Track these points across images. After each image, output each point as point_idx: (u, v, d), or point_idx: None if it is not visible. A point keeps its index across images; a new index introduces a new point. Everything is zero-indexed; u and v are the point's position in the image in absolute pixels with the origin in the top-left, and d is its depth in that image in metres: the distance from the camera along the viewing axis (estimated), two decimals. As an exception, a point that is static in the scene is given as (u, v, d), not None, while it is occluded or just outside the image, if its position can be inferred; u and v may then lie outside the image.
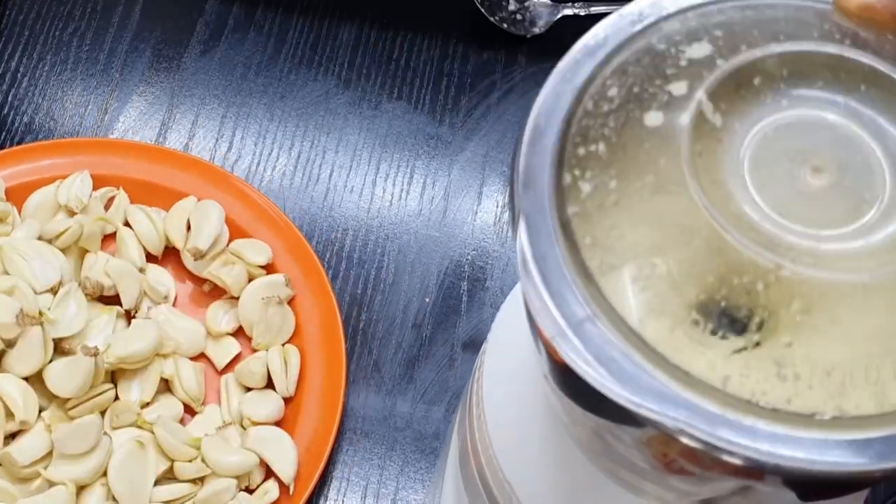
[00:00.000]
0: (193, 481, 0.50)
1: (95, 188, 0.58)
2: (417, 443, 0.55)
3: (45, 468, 0.49)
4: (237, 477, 0.51)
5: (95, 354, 0.49)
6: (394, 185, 0.62)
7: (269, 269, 0.56)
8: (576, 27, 0.67)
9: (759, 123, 0.27)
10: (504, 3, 0.67)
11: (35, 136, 0.63)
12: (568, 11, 0.67)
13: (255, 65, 0.66)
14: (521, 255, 0.25)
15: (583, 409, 0.28)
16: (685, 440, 0.23)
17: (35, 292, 0.52)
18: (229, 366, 0.55)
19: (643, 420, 0.24)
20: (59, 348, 0.51)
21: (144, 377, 0.52)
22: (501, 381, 0.36)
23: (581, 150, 0.27)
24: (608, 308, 0.25)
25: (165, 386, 0.53)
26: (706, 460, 0.24)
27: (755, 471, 0.23)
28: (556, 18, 0.67)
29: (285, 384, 0.53)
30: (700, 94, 0.27)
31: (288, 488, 0.51)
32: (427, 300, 0.59)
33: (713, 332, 0.24)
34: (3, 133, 0.63)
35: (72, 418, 0.50)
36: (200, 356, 0.55)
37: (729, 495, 0.27)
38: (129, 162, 0.59)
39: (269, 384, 0.54)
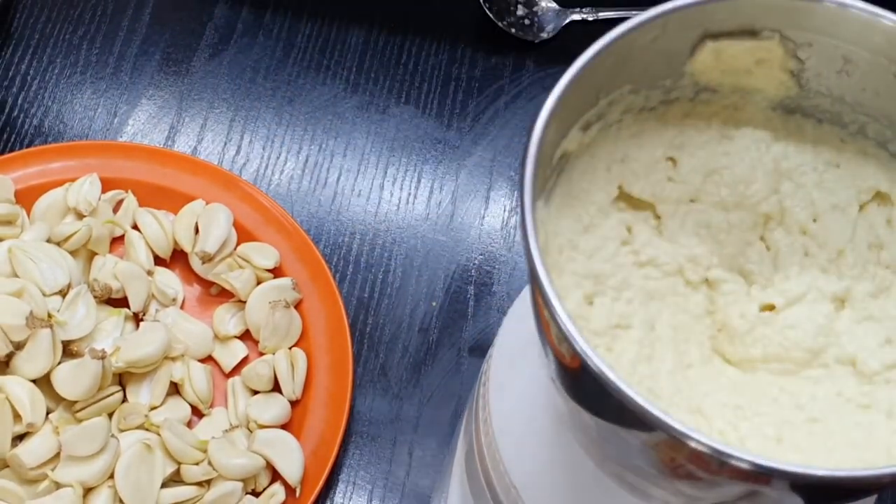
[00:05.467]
0: (200, 484, 0.50)
1: (104, 191, 0.58)
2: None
3: (53, 470, 0.49)
4: (244, 480, 0.51)
5: (103, 357, 0.50)
6: (401, 190, 0.62)
7: (276, 272, 0.56)
8: (584, 32, 0.67)
9: None
10: (512, 9, 0.67)
11: (44, 139, 0.63)
12: (576, 17, 0.67)
13: (264, 69, 0.66)
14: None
15: (590, 412, 0.28)
16: (693, 445, 0.23)
17: (44, 294, 0.52)
18: (236, 369, 0.55)
19: (652, 424, 0.24)
20: (68, 350, 0.51)
21: (154, 381, 0.52)
22: (508, 386, 0.36)
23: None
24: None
25: (173, 388, 0.53)
26: (714, 465, 0.24)
27: (763, 476, 0.23)
28: (564, 23, 0.67)
29: (292, 387, 0.53)
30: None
31: (294, 491, 0.51)
32: (434, 304, 0.59)
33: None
34: (13, 136, 0.63)
35: (79, 420, 0.50)
36: (207, 359, 0.55)
37: (736, 500, 0.27)
38: (138, 165, 0.59)
39: (276, 387, 0.54)
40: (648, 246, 0.31)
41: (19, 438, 0.50)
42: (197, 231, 0.57)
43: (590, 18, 0.67)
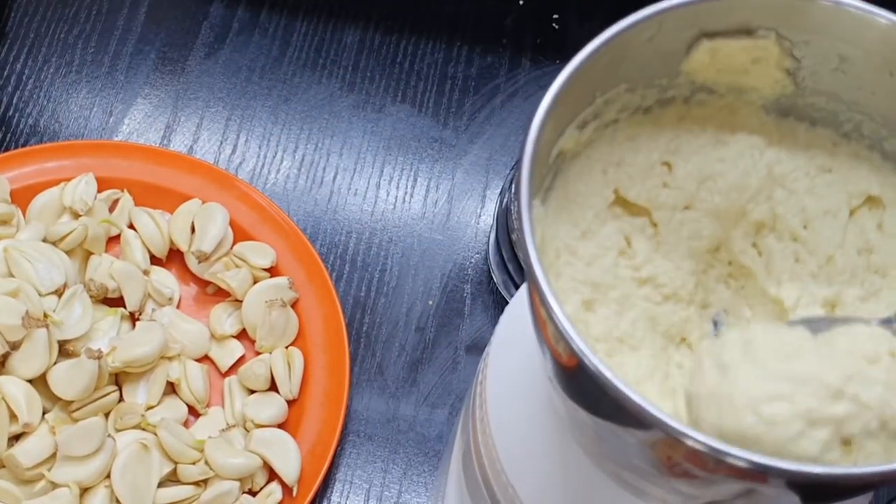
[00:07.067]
0: (197, 483, 0.50)
1: (100, 190, 0.58)
2: (420, 445, 0.55)
3: (49, 470, 0.49)
4: (240, 479, 0.51)
5: (99, 357, 0.49)
6: (397, 188, 0.62)
7: (272, 271, 0.56)
8: (580, 31, 0.67)
9: None
10: None
11: (40, 139, 0.63)
12: None
13: (260, 68, 0.66)
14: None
15: (587, 411, 0.28)
16: (690, 443, 0.23)
17: (40, 294, 0.52)
18: (233, 368, 0.55)
19: (649, 423, 0.24)
20: (64, 350, 0.51)
21: (151, 380, 0.52)
22: (505, 384, 0.36)
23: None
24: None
25: (170, 388, 0.53)
26: (710, 463, 0.24)
27: (759, 474, 0.24)
28: None
29: (289, 387, 0.53)
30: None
31: (291, 490, 0.51)
32: (430, 303, 0.59)
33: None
34: (8, 135, 0.63)
35: (76, 420, 0.50)
36: (204, 358, 0.55)
37: (733, 498, 0.27)
38: (134, 164, 0.59)
39: (273, 387, 0.54)
40: (648, 264, 0.31)
41: (16, 438, 0.50)
42: (193, 230, 0.57)
43: None
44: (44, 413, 0.50)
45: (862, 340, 0.26)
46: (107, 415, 0.51)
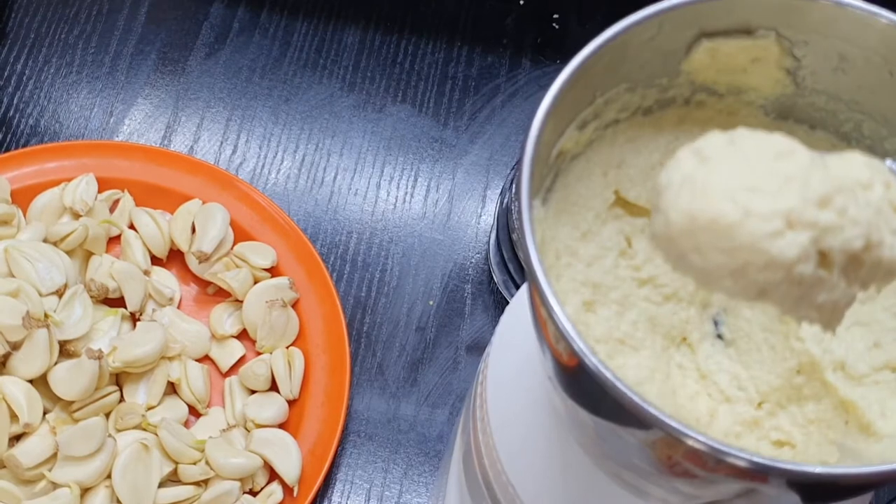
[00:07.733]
0: (197, 483, 0.50)
1: (100, 191, 0.58)
2: (421, 445, 0.55)
3: (50, 470, 0.49)
4: (241, 479, 0.51)
5: (100, 357, 0.49)
6: (398, 188, 0.62)
7: (273, 271, 0.56)
8: (580, 31, 0.67)
9: None
10: None
11: (40, 139, 0.63)
12: None
13: (260, 68, 0.66)
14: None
15: (587, 411, 0.28)
16: (690, 443, 0.23)
17: (40, 294, 0.52)
18: (233, 368, 0.55)
19: (649, 422, 0.24)
20: (65, 350, 0.51)
21: (151, 380, 0.52)
22: (505, 384, 0.36)
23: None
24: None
25: (170, 388, 0.53)
26: (710, 463, 0.24)
27: (759, 474, 0.24)
28: None
29: (289, 387, 0.53)
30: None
31: (292, 491, 0.51)
32: (431, 303, 0.59)
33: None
34: (9, 135, 0.63)
35: (76, 421, 0.50)
36: (204, 358, 0.55)
37: (733, 498, 0.27)
38: (135, 165, 0.59)
39: (273, 387, 0.54)
40: (649, 264, 0.31)
41: (16, 439, 0.50)
42: (193, 230, 0.57)
43: None
44: (44, 413, 0.50)
45: (858, 166, 0.24)
46: (107, 415, 0.51)
